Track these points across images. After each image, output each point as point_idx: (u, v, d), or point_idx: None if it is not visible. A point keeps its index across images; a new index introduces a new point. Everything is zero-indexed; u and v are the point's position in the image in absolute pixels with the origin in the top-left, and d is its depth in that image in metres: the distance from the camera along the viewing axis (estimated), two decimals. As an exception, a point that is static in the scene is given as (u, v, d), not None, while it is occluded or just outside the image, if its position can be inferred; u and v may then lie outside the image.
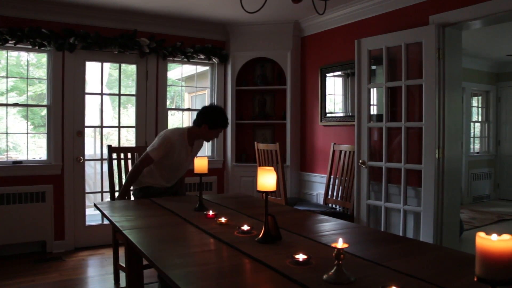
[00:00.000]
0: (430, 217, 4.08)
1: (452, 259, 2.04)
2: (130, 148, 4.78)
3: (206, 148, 6.42)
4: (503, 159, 9.59)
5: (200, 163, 3.15)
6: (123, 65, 5.86)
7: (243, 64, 6.19)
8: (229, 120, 4.68)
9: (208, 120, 3.79)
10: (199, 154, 4.29)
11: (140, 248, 2.14)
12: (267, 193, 2.21)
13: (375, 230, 3.50)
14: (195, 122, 3.90)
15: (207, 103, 6.45)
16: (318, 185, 5.73)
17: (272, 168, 2.21)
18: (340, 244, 1.65)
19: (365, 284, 1.64)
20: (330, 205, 5.26)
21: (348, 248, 2.06)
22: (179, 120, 6.69)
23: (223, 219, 2.66)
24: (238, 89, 6.21)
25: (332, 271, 1.67)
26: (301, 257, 1.86)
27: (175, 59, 5.95)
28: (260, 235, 2.23)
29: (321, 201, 5.48)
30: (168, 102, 6.05)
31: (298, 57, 6.13)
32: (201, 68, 6.49)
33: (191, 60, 6.03)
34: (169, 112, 6.09)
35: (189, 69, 6.62)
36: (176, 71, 6.76)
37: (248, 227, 2.42)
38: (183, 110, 6.62)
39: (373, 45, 4.62)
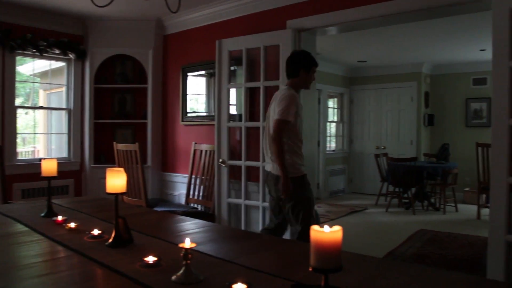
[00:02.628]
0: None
1: (300, 252, 2.13)
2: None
3: (64, 148, 6.03)
4: (355, 156, 10.43)
5: (48, 165, 2.92)
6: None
7: (102, 61, 5.95)
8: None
9: (303, 65, 3.60)
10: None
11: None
12: (117, 194, 2.13)
13: (229, 228, 3.57)
14: (290, 75, 3.64)
15: (64, 101, 6.05)
16: (180, 185, 5.70)
17: (121, 169, 2.12)
18: (188, 244, 1.64)
19: (213, 282, 1.64)
20: (192, 204, 5.26)
21: (200, 247, 2.06)
22: (32, 119, 6.21)
23: (72, 225, 2.50)
24: (97, 87, 5.94)
25: (181, 271, 1.65)
26: (151, 259, 1.82)
27: (25, 52, 5.48)
28: (110, 239, 2.13)
29: (183, 201, 5.46)
30: (22, 100, 5.55)
31: (160, 56, 6.03)
32: (56, 64, 6.08)
33: (44, 54, 5.62)
34: (23, 111, 5.59)
35: (43, 64, 6.16)
36: (29, 66, 6.24)
37: (99, 232, 2.30)
38: (34, 108, 6.14)
39: (234, 46, 4.71)
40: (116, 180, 2.11)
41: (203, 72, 5.65)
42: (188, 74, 5.67)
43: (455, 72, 9.43)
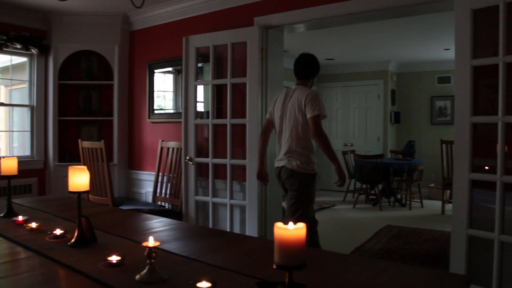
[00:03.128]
0: (254, 209, 4.27)
1: (266, 249, 2.12)
2: None
3: (27, 146, 5.87)
4: (323, 153, 10.48)
5: (8, 164, 2.83)
6: None
7: (67, 57, 5.81)
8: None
9: (317, 70, 3.88)
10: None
11: None
12: (79, 193, 2.08)
13: (195, 226, 3.55)
14: (304, 77, 3.80)
15: (26, 98, 5.88)
16: (147, 183, 5.63)
17: (84, 167, 2.08)
18: (151, 242, 1.61)
19: (178, 281, 1.62)
20: (159, 202, 5.20)
21: (165, 245, 2.04)
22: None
23: (33, 225, 2.43)
24: (61, 83, 5.80)
25: (145, 270, 1.62)
26: (114, 258, 1.78)
27: (-17, 46, 5.30)
28: (73, 239, 2.08)
29: (150, 199, 5.39)
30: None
31: (127, 52, 5.94)
32: (18, 59, 5.89)
33: (4, 49, 5.42)
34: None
35: (4, 60, 5.96)
36: (-12, 61, 6.05)
37: (62, 231, 2.25)
38: (-5, 105, 5.95)
39: (201, 42, 4.67)
40: (78, 178, 2.07)
41: (170, 69, 5.59)
42: (155, 70, 5.60)
43: (420, 71, 9.60)
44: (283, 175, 3.74)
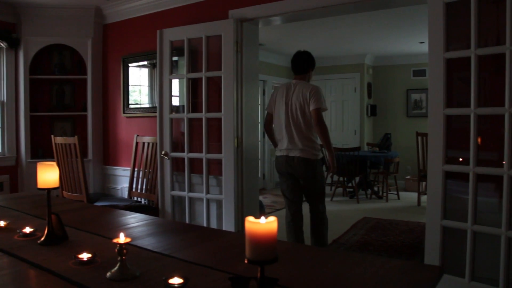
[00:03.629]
0: (231, 204, 4.25)
1: (240, 244, 2.10)
2: None
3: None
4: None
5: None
6: None
7: (38, 51, 5.67)
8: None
9: (312, 65, 4.29)
10: None
11: None
12: (49, 190, 2.03)
13: (170, 221, 3.52)
14: (300, 72, 4.23)
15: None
16: (123, 179, 5.56)
17: (53, 163, 2.03)
18: (122, 239, 1.58)
19: (149, 277, 1.59)
20: (135, 198, 5.14)
21: (138, 241, 2.01)
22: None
23: (2, 223, 2.36)
24: (32, 78, 5.67)
25: (116, 268, 1.59)
26: (85, 256, 1.74)
27: None
28: (43, 237, 2.04)
29: (126, 195, 5.33)
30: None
31: (100, 46, 5.84)
32: (-14, 54, 5.75)
33: (-29, 43, 5.29)
34: None
35: (-28, 54, 5.81)
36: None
37: (31, 229, 2.19)
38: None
39: (175, 36, 4.61)
40: (47, 175, 2.02)
41: (145, 63, 5.51)
42: (130, 64, 5.51)
43: (396, 64, 9.69)
44: (297, 165, 4.06)
